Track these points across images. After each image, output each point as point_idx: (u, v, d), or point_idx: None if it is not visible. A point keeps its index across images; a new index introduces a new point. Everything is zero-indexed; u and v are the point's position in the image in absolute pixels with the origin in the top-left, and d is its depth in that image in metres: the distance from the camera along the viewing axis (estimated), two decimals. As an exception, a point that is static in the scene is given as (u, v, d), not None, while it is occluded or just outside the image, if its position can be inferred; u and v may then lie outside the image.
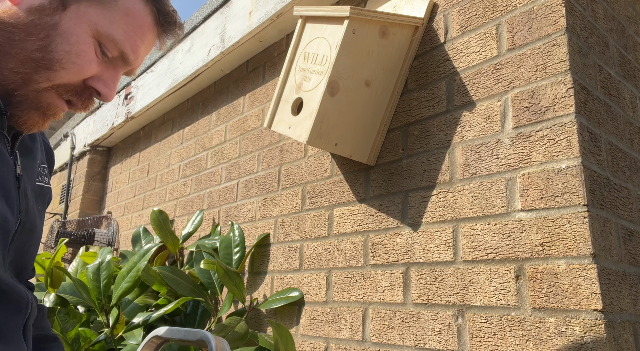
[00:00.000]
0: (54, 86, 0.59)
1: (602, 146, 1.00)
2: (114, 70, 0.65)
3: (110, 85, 0.64)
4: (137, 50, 0.65)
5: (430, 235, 1.14)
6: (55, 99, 0.61)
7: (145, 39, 0.65)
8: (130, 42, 0.63)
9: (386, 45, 1.28)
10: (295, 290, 1.46)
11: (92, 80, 0.62)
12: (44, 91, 0.59)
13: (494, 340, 0.97)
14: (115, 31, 0.61)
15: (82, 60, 0.60)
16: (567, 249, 0.89)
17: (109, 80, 0.64)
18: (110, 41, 0.62)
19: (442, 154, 1.16)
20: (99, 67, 0.62)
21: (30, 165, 0.68)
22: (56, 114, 0.62)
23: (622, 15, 1.27)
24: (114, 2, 0.61)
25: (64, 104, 0.62)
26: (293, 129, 1.30)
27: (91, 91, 0.63)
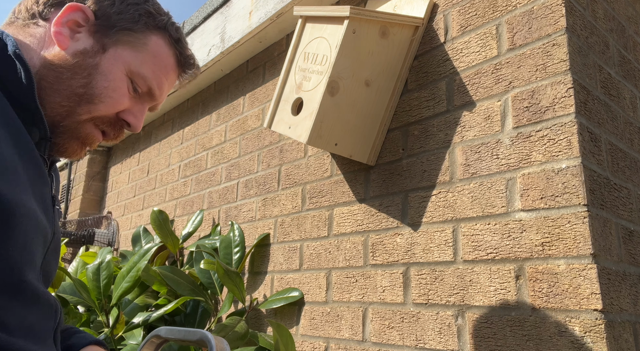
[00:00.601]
0: (93, 118, 0.68)
1: (602, 146, 1.00)
2: (141, 104, 0.75)
3: (139, 117, 0.74)
4: (162, 87, 0.76)
5: (430, 235, 1.14)
6: (93, 129, 0.70)
7: (169, 77, 0.77)
8: (157, 80, 0.74)
9: (386, 45, 1.28)
10: (295, 290, 1.46)
11: (124, 113, 0.72)
12: (84, 122, 0.68)
13: (494, 340, 0.97)
14: (145, 70, 0.72)
15: (118, 94, 0.69)
16: (567, 249, 0.89)
17: (137, 113, 0.74)
18: (140, 79, 0.72)
19: (442, 154, 1.16)
20: (130, 102, 0.72)
21: (57, 187, 0.77)
22: (93, 143, 0.71)
23: (622, 15, 1.27)
24: (145, 46, 0.72)
25: (99, 134, 0.71)
26: (293, 129, 1.30)
27: (122, 122, 0.73)
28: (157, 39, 0.73)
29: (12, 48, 0.59)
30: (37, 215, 0.57)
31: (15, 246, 0.52)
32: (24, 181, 0.56)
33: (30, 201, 0.56)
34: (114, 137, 0.74)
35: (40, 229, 0.58)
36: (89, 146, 0.71)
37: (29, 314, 0.56)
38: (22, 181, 0.56)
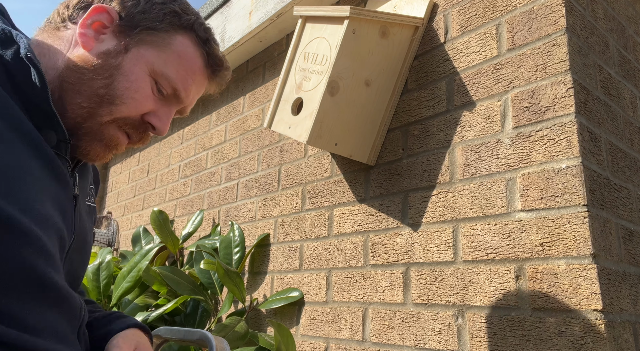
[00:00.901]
0: (115, 120, 0.66)
1: (602, 146, 1.00)
2: (168, 107, 0.72)
3: (164, 120, 0.71)
4: (188, 89, 0.72)
5: (430, 235, 1.14)
6: (116, 131, 0.68)
7: (195, 79, 0.73)
8: (182, 81, 0.71)
9: (386, 45, 1.28)
10: (295, 290, 1.46)
11: (149, 115, 0.69)
12: (106, 124, 0.66)
13: (494, 340, 0.97)
14: (169, 70, 0.69)
15: (140, 95, 0.67)
16: (567, 249, 0.89)
17: (163, 116, 0.71)
18: (164, 79, 0.69)
19: (442, 154, 1.16)
20: (155, 104, 0.69)
21: (84, 186, 0.76)
22: (117, 147, 0.69)
23: (622, 15, 1.27)
24: (169, 46, 0.69)
25: (124, 137, 0.69)
26: (293, 129, 1.30)
27: (147, 125, 0.70)
28: (183, 38, 0.71)
29: (24, 51, 0.58)
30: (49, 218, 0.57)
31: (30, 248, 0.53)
32: (34, 184, 0.56)
33: (43, 205, 0.56)
34: (139, 141, 0.72)
35: (55, 231, 0.58)
36: (114, 149, 0.69)
37: (52, 314, 0.56)
38: (30, 183, 0.56)
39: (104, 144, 0.67)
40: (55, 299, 0.57)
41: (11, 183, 0.53)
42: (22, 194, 0.54)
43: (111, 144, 0.68)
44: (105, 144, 0.67)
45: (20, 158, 0.55)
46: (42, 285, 0.55)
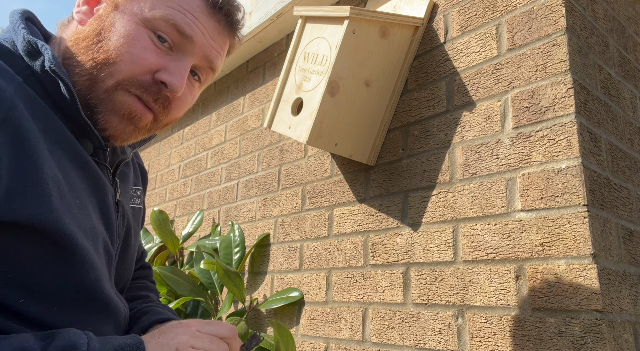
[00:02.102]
0: (119, 82, 0.61)
1: (602, 146, 1.00)
2: (179, 61, 0.64)
3: (175, 73, 0.63)
4: (192, 25, 0.64)
5: (430, 235, 1.14)
6: (127, 97, 0.62)
7: (196, 14, 0.65)
8: (180, 17, 0.63)
9: (386, 45, 1.28)
10: (295, 290, 1.46)
11: (158, 73, 0.63)
12: (112, 89, 0.61)
13: (494, 340, 0.97)
14: (158, 10, 0.62)
15: (137, 48, 0.61)
16: (567, 249, 0.89)
17: (174, 69, 0.63)
18: (160, 22, 0.62)
19: (442, 154, 1.16)
20: (161, 59, 0.63)
21: (127, 190, 0.75)
22: (135, 116, 0.63)
23: (622, 15, 1.27)
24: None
25: (137, 103, 0.62)
26: (293, 129, 1.30)
27: (159, 85, 0.63)
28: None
29: (48, 63, 0.58)
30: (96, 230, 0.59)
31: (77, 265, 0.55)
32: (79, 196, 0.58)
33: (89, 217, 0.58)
34: (161, 108, 0.65)
35: (102, 242, 0.60)
36: (134, 120, 0.63)
37: (107, 326, 0.60)
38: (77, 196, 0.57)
39: (120, 115, 0.62)
40: (108, 311, 0.60)
41: (62, 196, 0.54)
42: (71, 206, 0.55)
43: (126, 113, 0.62)
44: (120, 114, 0.62)
45: (66, 171, 0.56)
46: (89, 298, 0.57)
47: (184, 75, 0.64)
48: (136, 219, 0.79)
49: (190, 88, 0.69)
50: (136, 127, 0.64)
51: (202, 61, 0.67)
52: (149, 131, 0.68)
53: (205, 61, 0.68)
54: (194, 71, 0.68)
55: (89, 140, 0.63)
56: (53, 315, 0.54)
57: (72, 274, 0.54)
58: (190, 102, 0.70)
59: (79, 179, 0.59)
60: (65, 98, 0.59)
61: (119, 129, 0.63)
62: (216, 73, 0.72)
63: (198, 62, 0.67)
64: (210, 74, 0.71)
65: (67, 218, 0.54)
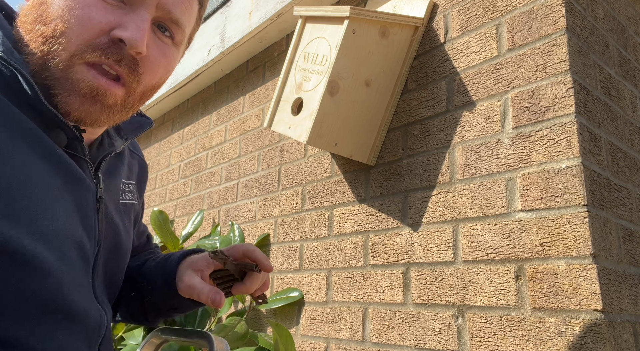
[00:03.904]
0: (73, 54, 0.53)
1: (602, 146, 1.00)
2: (133, 13, 0.56)
3: (131, 26, 0.55)
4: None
5: (430, 235, 1.14)
6: (85, 72, 0.54)
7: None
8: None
9: (386, 45, 1.28)
10: (295, 290, 1.46)
11: (114, 31, 0.54)
12: (67, 65, 0.53)
13: (494, 340, 0.97)
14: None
15: (81, 9, 0.53)
16: (567, 249, 0.89)
17: (129, 22, 0.55)
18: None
19: (442, 154, 1.16)
20: (113, 14, 0.55)
21: (114, 185, 0.69)
22: (101, 94, 0.55)
23: (622, 15, 1.27)
24: None
25: (99, 77, 0.55)
26: (293, 129, 1.30)
27: (119, 45, 0.55)
28: None
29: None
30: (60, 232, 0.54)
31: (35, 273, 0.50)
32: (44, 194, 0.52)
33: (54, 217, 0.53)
34: (129, 73, 0.57)
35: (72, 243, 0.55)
36: (99, 98, 0.55)
37: (62, 335, 0.53)
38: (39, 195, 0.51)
39: (80, 95, 0.54)
40: (72, 318, 0.55)
41: (15, 200, 0.49)
42: (27, 211, 0.50)
43: (87, 91, 0.54)
44: (80, 94, 0.54)
45: (27, 168, 0.51)
46: (47, 308, 0.52)
47: (141, 27, 0.55)
48: (127, 215, 0.73)
49: (160, 46, 0.60)
50: (103, 105, 0.56)
51: (161, 11, 0.58)
52: (125, 108, 0.60)
53: (163, 11, 0.58)
54: (162, 25, 0.59)
55: (62, 131, 0.56)
56: (6, 327, 0.48)
57: (21, 282, 0.49)
58: (166, 63, 0.61)
59: (49, 176, 0.53)
60: (23, 88, 0.52)
61: (82, 111, 0.55)
62: (184, 29, 0.62)
63: (158, 14, 0.58)
64: (178, 31, 0.61)
65: (11, 222, 0.48)
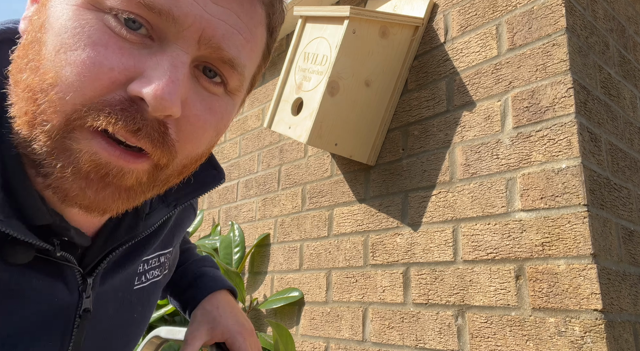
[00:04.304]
0: (69, 118, 0.35)
1: (602, 146, 1.00)
2: (164, 54, 0.36)
3: (156, 75, 0.35)
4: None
5: (430, 235, 1.14)
6: (90, 141, 0.35)
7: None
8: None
9: (386, 45, 1.28)
10: (295, 290, 1.46)
11: (132, 84, 0.35)
12: (62, 132, 0.35)
13: (494, 340, 0.97)
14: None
15: (84, 46, 0.34)
16: (567, 249, 0.89)
17: (155, 69, 0.35)
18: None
19: (442, 154, 1.16)
20: (134, 58, 0.35)
21: (122, 278, 0.52)
22: (113, 173, 0.36)
23: (622, 15, 1.27)
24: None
25: (109, 147, 0.36)
26: (293, 129, 1.30)
27: (139, 105, 0.35)
28: None
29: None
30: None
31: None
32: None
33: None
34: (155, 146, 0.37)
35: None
36: (110, 179, 0.36)
37: None
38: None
39: (84, 175, 0.36)
40: None
41: None
42: None
43: (95, 170, 0.36)
44: (84, 173, 0.35)
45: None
46: None
47: (173, 77, 0.35)
48: (145, 298, 0.57)
49: (207, 100, 0.39)
50: (119, 188, 0.37)
51: (206, 48, 0.37)
52: (156, 186, 0.41)
53: (209, 48, 0.37)
54: (209, 68, 0.39)
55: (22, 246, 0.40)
56: None
57: None
58: (215, 122, 0.41)
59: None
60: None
61: (85, 198, 0.37)
62: (242, 72, 0.41)
63: (202, 52, 0.38)
64: (232, 74, 0.40)
65: None
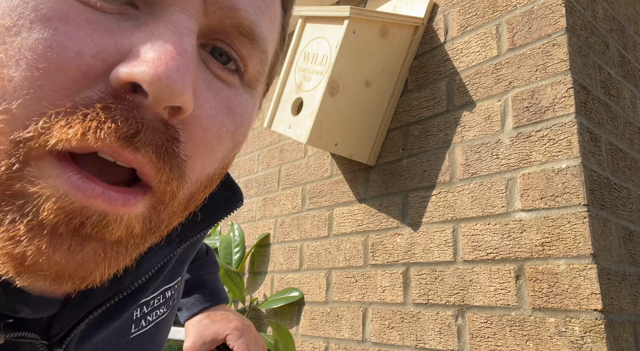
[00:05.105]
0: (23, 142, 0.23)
1: (602, 146, 1.00)
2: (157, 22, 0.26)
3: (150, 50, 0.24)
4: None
5: (430, 235, 1.14)
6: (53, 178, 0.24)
7: None
8: None
9: (386, 45, 1.28)
10: (295, 290, 1.46)
11: (116, 71, 0.24)
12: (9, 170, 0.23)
13: (494, 340, 0.97)
14: None
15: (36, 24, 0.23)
16: (567, 249, 0.89)
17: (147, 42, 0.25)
18: None
19: (442, 154, 1.16)
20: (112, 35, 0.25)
21: (111, 332, 0.41)
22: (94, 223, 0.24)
23: (622, 15, 1.27)
24: None
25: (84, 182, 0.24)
26: (293, 129, 1.30)
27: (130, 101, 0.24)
28: None
29: None
30: None
31: None
32: None
33: None
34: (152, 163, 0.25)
35: None
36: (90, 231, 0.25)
37: None
38: None
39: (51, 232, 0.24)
40: None
41: None
42: None
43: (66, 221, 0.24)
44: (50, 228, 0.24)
45: None
46: None
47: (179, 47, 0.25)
48: (145, 344, 0.47)
49: (220, 92, 0.30)
50: (102, 243, 0.26)
51: (215, 12, 0.28)
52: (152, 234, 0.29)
53: (220, 10, 0.28)
54: (220, 50, 0.30)
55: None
56: None
57: None
58: (234, 126, 0.30)
59: None
60: None
61: (55, 264, 0.24)
62: (264, 47, 0.31)
63: (209, 21, 0.28)
64: (251, 52, 0.30)
65: None
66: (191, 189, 0.29)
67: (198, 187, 0.30)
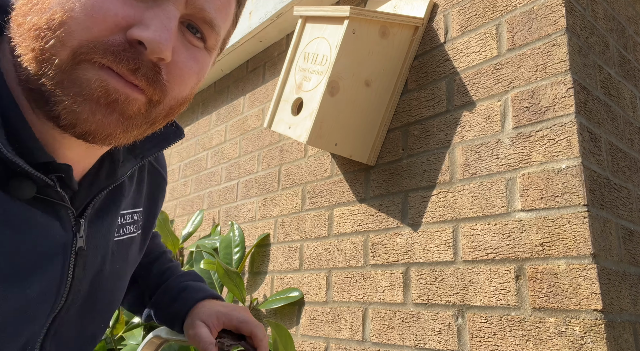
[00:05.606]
0: (76, 51, 0.41)
1: (602, 146, 1.00)
2: (158, 8, 0.44)
3: (153, 24, 0.43)
4: None
5: (430, 235, 1.14)
6: (95, 71, 0.42)
7: None
8: None
9: (386, 45, 1.28)
10: (295, 290, 1.46)
11: (131, 30, 0.43)
12: (70, 64, 0.41)
13: (494, 340, 0.97)
14: None
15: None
16: (567, 249, 0.89)
17: (152, 20, 0.43)
18: None
19: (442, 154, 1.16)
20: (133, 9, 0.43)
21: (106, 223, 0.58)
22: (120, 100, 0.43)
23: (622, 15, 1.27)
24: None
25: (113, 77, 0.43)
26: (293, 129, 1.30)
27: (137, 48, 0.43)
28: None
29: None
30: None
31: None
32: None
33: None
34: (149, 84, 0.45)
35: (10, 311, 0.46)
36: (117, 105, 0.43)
37: None
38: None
39: (94, 100, 0.42)
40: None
41: None
42: None
43: (105, 96, 0.42)
44: (95, 98, 0.42)
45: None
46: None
47: (167, 26, 0.44)
48: (123, 252, 0.64)
49: (190, 50, 0.48)
50: (122, 116, 0.44)
51: (191, 8, 0.47)
52: (147, 122, 0.48)
53: (194, 9, 0.47)
54: (192, 25, 0.48)
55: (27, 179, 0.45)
56: None
57: None
58: (198, 70, 0.50)
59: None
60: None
61: (93, 122, 0.43)
62: (218, 32, 0.51)
63: (188, 11, 0.47)
64: (211, 33, 0.49)
65: None
66: (171, 102, 0.48)
67: (176, 102, 0.49)
